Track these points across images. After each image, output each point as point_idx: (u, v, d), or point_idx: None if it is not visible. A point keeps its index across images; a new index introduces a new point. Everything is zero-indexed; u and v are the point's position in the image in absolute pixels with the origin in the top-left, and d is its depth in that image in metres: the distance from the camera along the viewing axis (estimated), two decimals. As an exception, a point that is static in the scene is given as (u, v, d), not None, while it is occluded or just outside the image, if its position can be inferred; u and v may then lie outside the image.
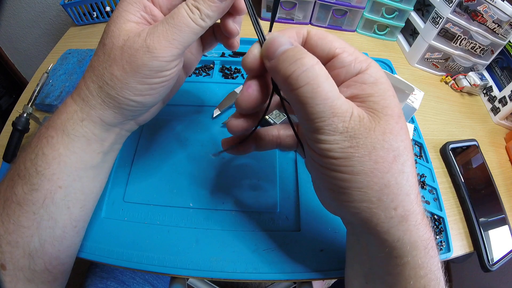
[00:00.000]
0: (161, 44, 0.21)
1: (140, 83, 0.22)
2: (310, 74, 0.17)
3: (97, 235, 0.31)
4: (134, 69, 0.21)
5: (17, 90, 1.03)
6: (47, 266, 0.24)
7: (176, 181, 0.35)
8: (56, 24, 0.85)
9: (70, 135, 0.23)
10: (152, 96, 0.23)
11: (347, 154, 0.18)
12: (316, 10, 0.61)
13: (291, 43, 0.19)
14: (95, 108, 0.23)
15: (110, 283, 0.42)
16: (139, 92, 0.22)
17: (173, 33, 0.21)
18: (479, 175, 0.44)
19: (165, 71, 0.22)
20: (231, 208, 0.34)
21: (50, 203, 0.23)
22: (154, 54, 0.21)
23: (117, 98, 0.23)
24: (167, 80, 0.23)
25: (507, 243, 0.39)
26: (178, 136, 0.39)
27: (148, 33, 0.21)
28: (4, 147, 0.37)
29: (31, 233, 0.23)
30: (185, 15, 0.21)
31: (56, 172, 0.23)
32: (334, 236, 0.32)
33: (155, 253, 0.30)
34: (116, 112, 0.24)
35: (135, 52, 0.21)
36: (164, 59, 0.21)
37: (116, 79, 0.22)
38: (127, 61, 0.21)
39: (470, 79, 0.57)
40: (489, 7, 0.49)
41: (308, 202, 0.34)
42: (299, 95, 0.17)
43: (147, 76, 0.22)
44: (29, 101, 0.38)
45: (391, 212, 0.19)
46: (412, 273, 0.20)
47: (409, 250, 0.20)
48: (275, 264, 0.30)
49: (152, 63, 0.21)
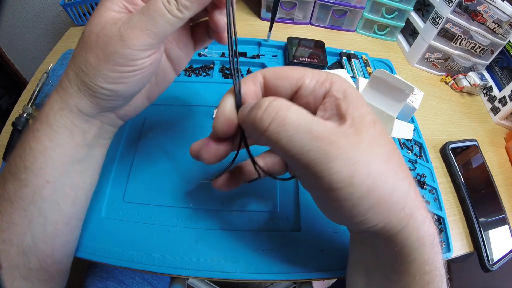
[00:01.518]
0: (134, 33, 0.21)
1: (112, 71, 0.22)
2: (269, 110, 0.18)
3: (97, 235, 0.31)
4: (107, 56, 0.21)
5: (17, 90, 1.03)
6: (42, 264, 0.24)
7: (176, 181, 0.35)
8: (56, 24, 0.86)
9: (53, 126, 0.23)
10: (125, 85, 0.23)
11: (349, 182, 0.17)
12: (316, 10, 0.61)
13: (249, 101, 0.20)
14: (72, 97, 0.23)
15: (109, 283, 0.42)
16: (111, 80, 0.22)
17: (147, 23, 0.21)
18: (479, 175, 0.44)
19: (138, 60, 0.22)
20: (231, 208, 0.34)
21: (39, 199, 0.23)
22: (126, 42, 0.21)
23: (90, 86, 0.22)
24: (140, 70, 0.23)
25: (507, 243, 0.39)
26: (178, 136, 0.39)
27: (124, 22, 0.21)
28: (4, 147, 0.37)
29: (23, 230, 0.23)
30: (160, 5, 0.21)
31: (43, 167, 0.23)
32: (334, 236, 0.32)
33: (155, 253, 0.30)
34: (91, 101, 0.23)
35: (109, 39, 0.21)
36: (136, 48, 0.21)
37: (90, 65, 0.22)
38: (100, 47, 0.21)
39: (470, 79, 0.57)
40: (489, 7, 0.49)
41: (308, 202, 0.34)
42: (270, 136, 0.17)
43: (119, 63, 0.22)
44: (29, 101, 0.38)
45: (400, 213, 0.19)
46: (418, 269, 0.20)
47: (417, 247, 0.20)
48: (275, 264, 0.30)
49: (124, 50, 0.21)
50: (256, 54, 0.51)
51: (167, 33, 0.22)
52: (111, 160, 0.36)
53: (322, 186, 0.18)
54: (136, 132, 0.39)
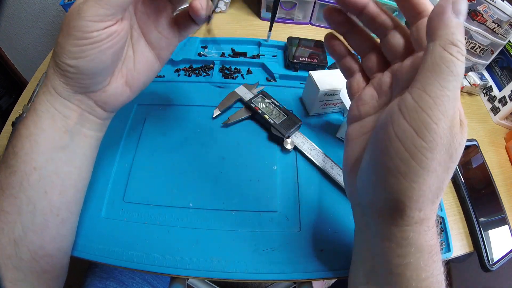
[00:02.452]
0: (88, 5, 0.21)
1: (72, 45, 0.22)
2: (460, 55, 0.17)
3: (97, 235, 0.31)
4: (68, 31, 0.22)
5: (17, 90, 1.03)
6: (33, 256, 0.25)
7: (176, 181, 0.35)
8: (56, 24, 0.85)
9: (37, 111, 0.24)
10: (84, 59, 0.23)
11: (438, 140, 0.17)
12: (316, 10, 0.61)
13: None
14: (50, 79, 0.24)
15: (109, 283, 0.42)
16: (72, 54, 0.23)
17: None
18: (479, 175, 0.44)
19: (93, 31, 0.22)
20: (231, 208, 0.34)
21: (27, 186, 0.24)
22: (81, 14, 0.21)
23: (58, 64, 0.23)
24: (97, 42, 0.23)
25: (507, 243, 0.39)
26: (178, 136, 0.39)
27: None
28: (4, 147, 0.37)
29: (14, 218, 0.24)
30: None
31: (29, 152, 0.24)
32: (334, 236, 0.32)
33: (155, 253, 0.30)
34: (62, 81, 0.24)
35: (70, 16, 0.22)
36: (89, 19, 0.21)
37: (58, 45, 0.23)
38: (66, 25, 0.22)
39: (470, 79, 0.57)
40: (489, 7, 0.49)
41: (308, 202, 0.34)
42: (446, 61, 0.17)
43: (77, 37, 0.22)
44: (29, 101, 0.38)
45: (415, 212, 0.19)
46: (414, 274, 0.20)
47: (413, 252, 0.20)
48: (275, 264, 0.30)
49: (80, 22, 0.22)
50: (256, 54, 0.51)
51: (121, 4, 0.22)
52: (111, 160, 0.36)
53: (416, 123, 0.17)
54: (136, 132, 0.39)
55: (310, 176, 0.37)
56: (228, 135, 0.40)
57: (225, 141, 0.39)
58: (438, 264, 0.21)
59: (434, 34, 0.17)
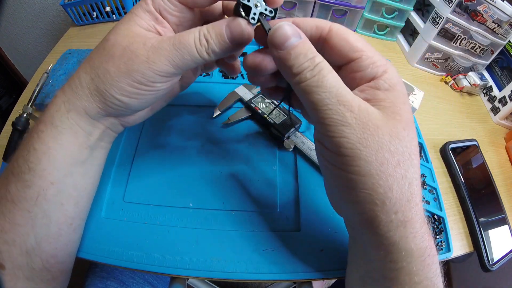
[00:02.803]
0: (160, 61, 0.22)
1: (129, 85, 0.22)
2: (319, 66, 0.18)
3: (97, 235, 0.31)
4: (129, 71, 0.22)
5: (17, 90, 1.03)
6: (45, 265, 0.24)
7: (176, 181, 0.35)
8: (56, 24, 0.86)
9: (58, 127, 0.23)
10: (138, 100, 0.24)
11: (355, 152, 0.18)
12: (316, 10, 0.61)
13: (299, 35, 0.20)
14: (81, 99, 0.23)
15: (109, 283, 0.42)
16: (126, 93, 0.23)
17: (175, 56, 0.22)
18: (479, 175, 0.44)
19: (157, 83, 0.23)
20: (231, 208, 0.34)
21: (43, 200, 0.23)
22: (151, 66, 0.22)
23: (104, 93, 0.23)
24: (156, 91, 0.24)
25: (507, 243, 0.39)
26: (178, 136, 0.39)
27: (153, 46, 0.22)
28: (4, 147, 0.37)
29: (26, 231, 0.23)
30: (192, 44, 0.22)
31: (47, 168, 0.23)
32: (334, 236, 0.32)
33: (155, 253, 0.30)
34: (99, 107, 0.24)
35: (135, 57, 0.22)
36: (158, 73, 0.22)
37: (108, 74, 0.22)
38: (124, 62, 0.22)
39: (470, 79, 0.57)
40: (489, 7, 0.49)
41: (308, 202, 0.34)
42: (306, 88, 0.19)
43: (138, 81, 0.22)
44: (29, 101, 0.38)
45: (391, 216, 0.19)
46: (407, 279, 0.20)
47: (404, 256, 0.20)
48: (275, 264, 0.30)
49: (147, 72, 0.22)
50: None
51: (189, 68, 0.23)
52: (111, 160, 0.36)
53: (329, 147, 0.19)
54: (136, 132, 0.39)
55: (310, 176, 0.37)
56: (228, 135, 0.40)
57: (225, 141, 0.39)
58: (433, 266, 0.21)
59: (287, 75, 0.20)
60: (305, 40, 0.20)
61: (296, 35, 0.19)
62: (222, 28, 0.22)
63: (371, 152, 0.18)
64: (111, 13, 0.60)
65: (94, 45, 0.24)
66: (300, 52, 0.19)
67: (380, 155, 0.18)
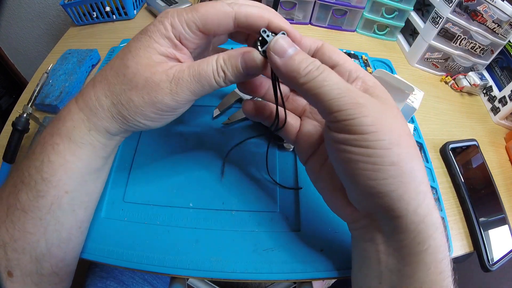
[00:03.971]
0: (183, 91, 0.23)
1: (153, 113, 0.24)
2: (321, 67, 0.20)
3: (97, 235, 0.31)
4: (153, 101, 0.23)
5: (17, 90, 1.03)
6: (54, 269, 0.24)
7: (176, 181, 0.35)
8: (56, 24, 0.86)
9: (78, 143, 0.24)
10: (160, 122, 0.25)
11: (376, 128, 0.19)
12: (316, 10, 0.61)
13: (294, 46, 0.22)
14: (102, 120, 0.24)
15: (109, 283, 0.42)
16: (149, 118, 0.24)
17: (196, 86, 0.23)
18: (479, 175, 0.44)
19: (179, 109, 0.25)
20: (231, 208, 0.34)
21: (56, 209, 0.23)
22: (175, 97, 0.23)
23: (127, 118, 0.24)
24: (178, 114, 0.26)
25: (507, 243, 0.39)
26: (178, 136, 0.39)
27: (174, 77, 0.23)
28: (4, 147, 0.37)
29: (37, 238, 0.23)
30: (211, 75, 0.23)
31: (63, 178, 0.23)
32: (334, 236, 0.32)
33: (155, 253, 0.30)
34: (121, 127, 0.25)
35: (159, 89, 0.23)
36: (182, 102, 0.24)
37: (133, 104, 0.23)
38: (147, 92, 0.23)
39: (470, 79, 0.57)
40: (489, 7, 0.49)
41: (308, 202, 0.34)
42: (315, 84, 0.20)
43: (161, 109, 0.24)
44: (29, 101, 0.38)
45: (419, 186, 0.20)
46: (432, 258, 0.21)
47: (431, 233, 0.20)
48: (275, 264, 0.30)
49: (171, 103, 0.23)
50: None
51: (207, 93, 0.24)
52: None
53: (352, 130, 0.19)
54: (136, 132, 0.39)
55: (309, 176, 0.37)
56: (228, 135, 0.40)
57: (225, 141, 0.39)
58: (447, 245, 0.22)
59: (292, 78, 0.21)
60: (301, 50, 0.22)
61: (292, 46, 0.22)
62: (238, 61, 0.23)
63: (389, 126, 0.19)
64: (111, 13, 0.60)
65: (94, 45, 0.25)
66: (302, 57, 0.21)
67: (395, 127, 0.20)
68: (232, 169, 0.37)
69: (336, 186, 0.25)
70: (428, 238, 0.20)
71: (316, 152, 0.27)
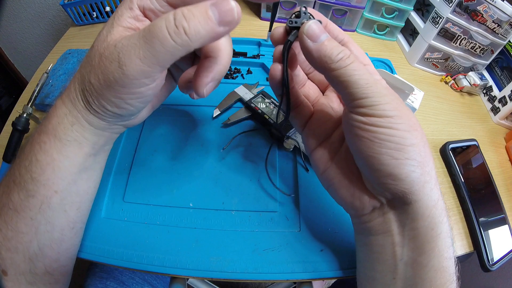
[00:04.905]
0: (131, 62, 0.19)
1: (114, 97, 0.21)
2: (352, 57, 0.21)
3: (97, 235, 0.31)
4: (107, 82, 0.20)
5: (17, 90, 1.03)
6: (47, 269, 0.24)
7: (176, 181, 0.35)
8: (56, 24, 0.86)
9: (62, 139, 0.23)
10: (129, 109, 0.22)
11: (398, 112, 0.20)
12: (316, 10, 0.61)
13: (326, 33, 0.22)
14: (81, 112, 0.22)
15: (109, 283, 0.42)
16: (114, 104, 0.21)
17: (146, 51, 0.18)
18: (479, 175, 0.44)
19: (139, 88, 0.20)
20: (231, 208, 0.34)
21: (47, 208, 0.23)
22: (124, 71, 0.19)
23: (94, 105, 0.22)
24: (144, 97, 0.22)
25: (507, 243, 0.39)
26: (178, 136, 0.39)
27: (122, 44, 0.19)
28: (4, 147, 0.37)
29: (29, 238, 0.23)
30: (164, 30, 0.18)
31: (51, 178, 0.23)
32: (334, 236, 0.32)
33: (155, 253, 0.30)
34: (99, 118, 0.23)
35: (109, 64, 0.19)
36: (134, 78, 0.19)
37: (92, 87, 0.21)
38: (102, 71, 0.20)
39: (470, 79, 0.57)
40: (489, 7, 0.49)
41: (308, 202, 0.34)
42: (346, 72, 0.20)
43: (120, 91, 0.20)
44: (29, 101, 0.38)
45: (431, 171, 0.21)
46: (444, 244, 0.22)
47: (442, 219, 0.22)
48: (275, 264, 0.30)
49: (123, 80, 0.19)
50: (256, 54, 0.51)
51: (167, 62, 0.19)
52: (111, 160, 0.36)
53: (376, 114, 0.20)
54: (136, 133, 0.39)
55: (310, 176, 0.37)
56: (228, 135, 0.40)
57: (225, 141, 0.39)
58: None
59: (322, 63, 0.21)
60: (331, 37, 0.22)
61: (324, 32, 0.22)
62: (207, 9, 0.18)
63: (407, 114, 0.21)
64: (111, 13, 0.59)
65: (94, 45, 0.24)
66: (334, 44, 0.21)
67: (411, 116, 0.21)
68: (232, 169, 0.37)
69: (352, 173, 0.24)
70: (440, 223, 0.21)
71: (329, 139, 0.26)
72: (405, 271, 0.22)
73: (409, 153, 0.20)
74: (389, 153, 0.20)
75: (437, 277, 0.21)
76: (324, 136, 0.27)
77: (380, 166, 0.21)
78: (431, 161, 0.22)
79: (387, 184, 0.21)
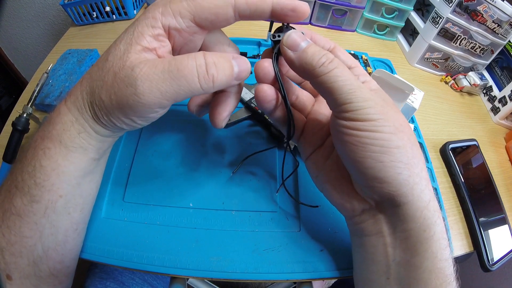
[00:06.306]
0: (151, 93, 0.19)
1: (124, 117, 0.21)
2: (335, 61, 0.20)
3: (97, 235, 0.31)
4: (120, 105, 0.20)
5: (17, 90, 1.03)
6: (52, 271, 0.24)
7: (176, 181, 0.35)
8: (56, 24, 0.86)
9: (68, 146, 0.23)
10: (136, 127, 0.23)
11: (383, 115, 0.20)
12: (316, 10, 0.61)
13: (306, 39, 0.22)
14: (88, 121, 0.22)
15: (109, 284, 0.42)
16: (123, 122, 0.22)
17: (170, 87, 0.19)
18: (479, 175, 0.44)
19: (151, 114, 0.21)
20: (231, 208, 0.34)
21: (51, 212, 0.23)
22: (141, 99, 0.19)
23: (103, 119, 0.22)
24: (153, 118, 0.23)
25: (507, 243, 0.39)
26: (178, 136, 0.39)
27: (143, 72, 0.19)
28: (4, 147, 0.37)
29: (34, 242, 0.23)
30: (194, 73, 0.19)
31: (56, 183, 0.23)
32: (334, 236, 0.32)
33: (155, 253, 0.30)
34: (105, 128, 0.23)
35: (124, 87, 0.19)
36: (150, 107, 0.20)
37: (103, 104, 0.21)
38: (115, 92, 0.20)
39: (470, 79, 0.57)
40: (489, 7, 0.49)
41: (308, 202, 0.34)
42: (329, 78, 0.20)
43: (131, 114, 0.21)
44: (29, 101, 0.38)
45: (421, 172, 0.21)
46: (438, 245, 0.21)
47: (435, 220, 0.21)
48: (275, 264, 0.30)
49: (137, 107, 0.20)
50: (256, 54, 0.51)
51: (185, 98, 0.20)
52: (111, 160, 0.36)
53: (360, 118, 0.20)
54: (136, 133, 0.39)
55: (310, 176, 0.37)
56: (228, 135, 0.40)
57: (225, 141, 0.39)
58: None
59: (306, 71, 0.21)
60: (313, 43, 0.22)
61: (304, 39, 0.21)
62: (231, 61, 0.20)
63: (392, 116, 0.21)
64: (111, 13, 0.60)
65: (94, 45, 0.24)
66: (315, 50, 0.21)
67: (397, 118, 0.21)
68: (232, 169, 0.37)
69: (342, 177, 0.25)
70: (433, 224, 0.21)
71: (322, 145, 0.27)
72: (398, 272, 0.22)
73: (395, 155, 0.20)
74: (374, 157, 0.20)
75: (432, 278, 0.21)
76: (319, 143, 0.27)
77: (366, 170, 0.21)
78: (421, 162, 0.21)
79: (374, 187, 0.21)
